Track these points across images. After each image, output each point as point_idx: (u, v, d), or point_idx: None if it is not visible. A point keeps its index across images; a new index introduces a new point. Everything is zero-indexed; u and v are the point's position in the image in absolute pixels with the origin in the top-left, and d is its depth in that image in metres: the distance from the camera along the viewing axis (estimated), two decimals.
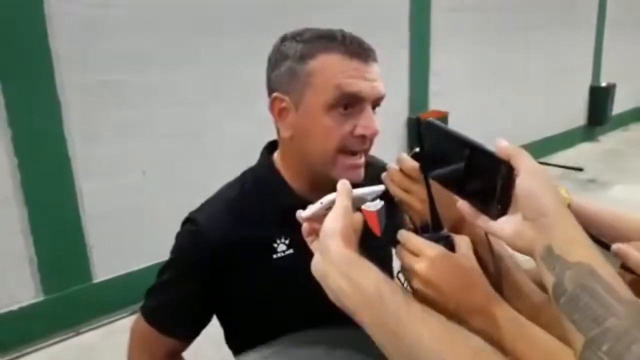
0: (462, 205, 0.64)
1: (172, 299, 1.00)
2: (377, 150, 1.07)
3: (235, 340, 1.08)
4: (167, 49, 3.06)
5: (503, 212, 0.60)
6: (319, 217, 0.66)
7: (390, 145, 4.45)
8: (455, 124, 4.56)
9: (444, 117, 4.77)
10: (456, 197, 0.65)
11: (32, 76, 2.61)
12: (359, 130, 0.89)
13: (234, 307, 1.00)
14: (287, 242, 0.96)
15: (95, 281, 2.98)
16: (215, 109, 3.33)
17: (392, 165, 0.81)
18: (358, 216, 0.66)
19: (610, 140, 7.61)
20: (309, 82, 0.89)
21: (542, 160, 0.61)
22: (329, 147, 0.90)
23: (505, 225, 0.59)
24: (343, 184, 0.66)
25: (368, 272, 0.59)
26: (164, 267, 1.02)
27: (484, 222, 0.62)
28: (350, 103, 0.88)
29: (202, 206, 1.02)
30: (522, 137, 6.03)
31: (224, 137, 3.36)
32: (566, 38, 6.54)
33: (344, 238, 0.61)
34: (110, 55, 2.86)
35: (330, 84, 0.87)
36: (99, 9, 2.79)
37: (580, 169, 0.69)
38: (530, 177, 0.56)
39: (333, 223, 0.62)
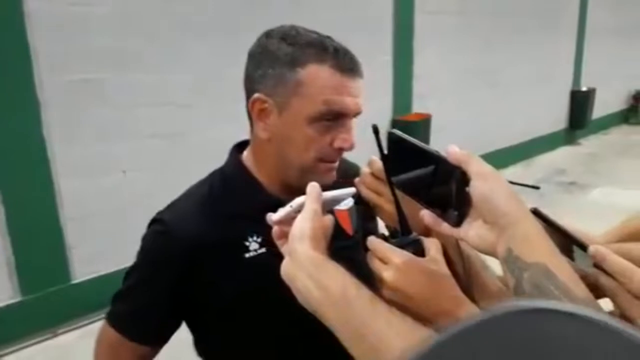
0: (424, 214, 0.64)
1: (140, 303, 0.97)
2: (360, 154, 1.07)
3: (205, 344, 1.05)
4: (150, 48, 3.04)
5: (461, 218, 0.61)
6: (289, 220, 0.66)
7: (373, 149, 4.46)
8: (438, 127, 4.61)
9: (426, 120, 4.80)
10: (419, 206, 0.66)
11: (10, 74, 2.58)
12: (338, 143, 0.91)
13: (204, 309, 0.97)
14: (259, 240, 0.94)
15: (73, 282, 2.95)
16: (198, 110, 3.31)
17: (364, 168, 0.82)
18: (328, 219, 0.66)
19: (590, 143, 7.73)
20: (297, 91, 0.88)
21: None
22: (308, 156, 0.91)
23: (469, 230, 0.60)
24: (312, 187, 0.66)
25: (335, 274, 0.59)
26: (130, 271, 0.98)
27: (447, 229, 0.63)
28: (333, 117, 0.90)
29: (170, 206, 0.99)
30: (504, 140, 6.11)
31: (207, 138, 3.35)
32: (548, 43, 6.63)
33: (312, 241, 0.61)
34: (91, 54, 2.83)
35: (319, 98, 0.87)
36: (80, 7, 2.76)
37: (537, 187, 0.69)
38: (482, 181, 0.57)
39: (302, 226, 0.62)
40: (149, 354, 1.00)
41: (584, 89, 7.46)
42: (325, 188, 0.70)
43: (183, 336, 1.03)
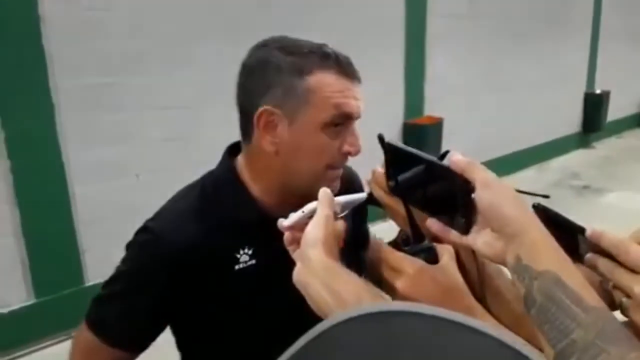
0: (431, 222, 0.64)
1: (123, 310, 0.95)
2: (372, 157, 1.07)
3: (188, 348, 1.04)
4: (162, 52, 3.06)
5: (468, 225, 0.60)
6: (301, 226, 0.65)
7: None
8: (451, 130, 4.58)
9: (438, 123, 4.78)
10: (424, 215, 0.65)
11: (25, 78, 2.61)
12: (346, 148, 0.92)
13: (189, 318, 0.96)
14: (249, 252, 0.92)
15: (87, 285, 2.97)
16: (210, 113, 3.32)
17: (378, 168, 0.80)
18: (340, 224, 0.66)
19: (604, 147, 7.65)
20: (308, 99, 0.87)
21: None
22: (320, 163, 0.91)
23: (477, 239, 0.59)
24: (324, 193, 0.65)
25: (348, 281, 0.58)
26: (114, 278, 0.97)
27: (455, 237, 0.62)
28: (342, 121, 0.90)
29: (158, 214, 0.98)
30: (517, 143, 6.06)
31: (219, 141, 3.34)
32: (561, 45, 6.58)
33: (324, 247, 0.60)
34: (104, 58, 2.85)
35: (330, 103, 0.88)
36: (94, 12, 2.79)
37: (547, 196, 0.69)
38: (486, 189, 0.56)
39: (314, 232, 0.61)
40: (127, 358, 0.98)
41: (598, 91, 7.38)
42: (336, 194, 0.69)
43: (168, 337, 1.01)
